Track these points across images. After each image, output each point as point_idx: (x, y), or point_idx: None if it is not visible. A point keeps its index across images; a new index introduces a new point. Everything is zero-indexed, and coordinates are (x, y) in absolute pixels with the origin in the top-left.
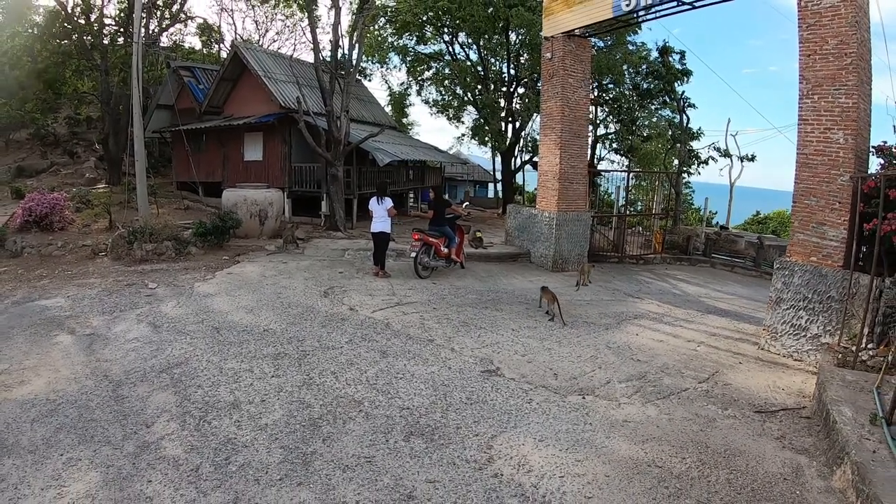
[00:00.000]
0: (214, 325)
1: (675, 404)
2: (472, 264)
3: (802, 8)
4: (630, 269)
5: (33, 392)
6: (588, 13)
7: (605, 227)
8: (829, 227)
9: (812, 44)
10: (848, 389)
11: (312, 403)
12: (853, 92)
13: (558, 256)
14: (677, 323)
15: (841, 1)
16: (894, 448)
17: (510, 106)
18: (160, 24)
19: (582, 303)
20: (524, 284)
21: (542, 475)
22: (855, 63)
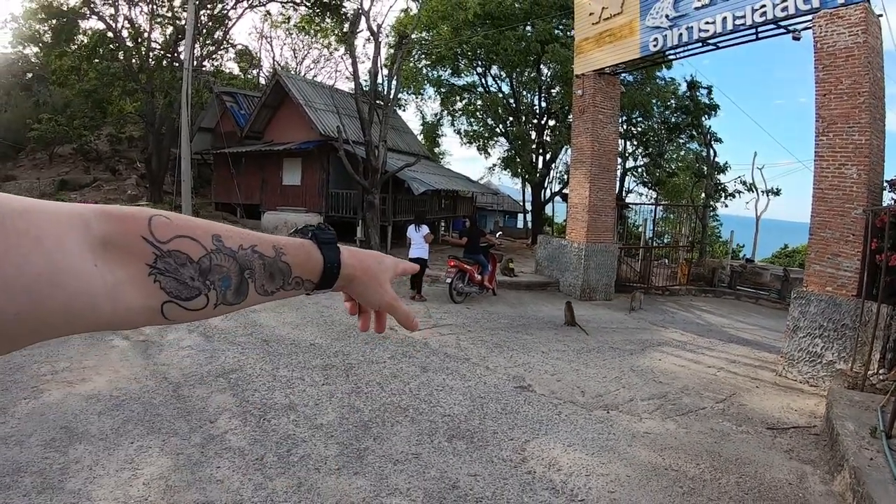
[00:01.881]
0: (263, 337)
1: (692, 420)
2: (503, 291)
3: (818, 50)
4: (656, 299)
5: (96, 389)
6: (617, 53)
7: (632, 259)
8: (843, 258)
9: (827, 84)
10: (854, 408)
11: (362, 408)
12: (866, 129)
13: (586, 286)
14: (699, 350)
15: (854, 43)
16: (890, 456)
17: (541, 138)
18: (203, 51)
19: (608, 330)
20: (553, 311)
21: (570, 473)
22: (868, 102)
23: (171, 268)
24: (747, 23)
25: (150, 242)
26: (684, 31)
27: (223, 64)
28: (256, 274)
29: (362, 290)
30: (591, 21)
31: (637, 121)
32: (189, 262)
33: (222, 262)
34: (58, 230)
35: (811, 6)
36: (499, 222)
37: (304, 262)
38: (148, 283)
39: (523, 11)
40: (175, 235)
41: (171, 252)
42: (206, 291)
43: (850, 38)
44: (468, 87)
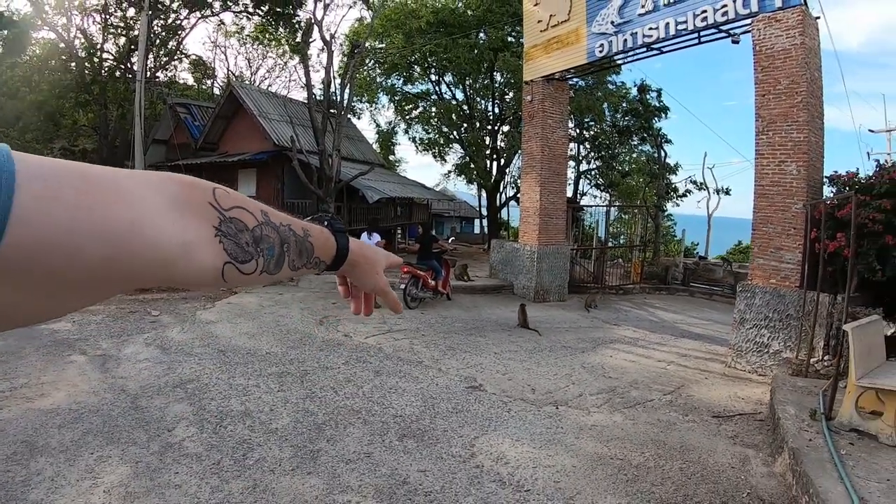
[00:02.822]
0: (219, 348)
1: (639, 412)
2: (458, 296)
3: (757, 52)
4: (610, 298)
5: (55, 403)
6: (565, 59)
7: (587, 260)
8: (785, 251)
9: (766, 84)
10: (796, 393)
11: (316, 412)
12: (804, 127)
13: (540, 288)
14: (651, 346)
15: (792, 45)
16: (828, 436)
17: (495, 144)
18: (157, 62)
19: (561, 329)
20: (506, 314)
21: (517, 466)
22: (805, 100)
23: (231, 232)
24: (689, 27)
25: (215, 208)
26: (629, 36)
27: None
28: (291, 249)
29: (361, 275)
30: (539, 28)
31: (589, 125)
32: (245, 230)
33: (269, 233)
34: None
35: (750, 10)
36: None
37: (322, 245)
38: (214, 243)
39: (476, 19)
40: (234, 205)
41: (232, 219)
42: (256, 257)
43: (787, 41)
44: (422, 95)
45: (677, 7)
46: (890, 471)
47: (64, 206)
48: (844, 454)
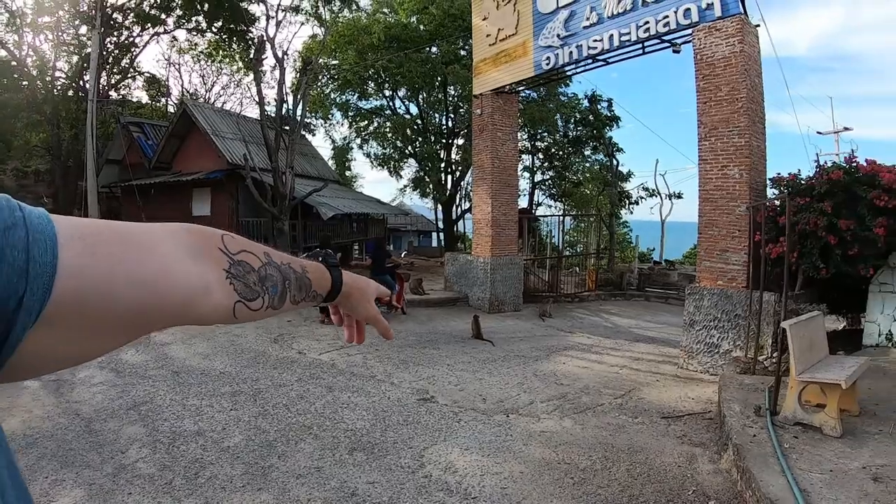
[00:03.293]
0: (174, 369)
1: (589, 417)
2: (413, 310)
3: (698, 61)
4: (565, 306)
5: (10, 429)
6: (513, 72)
7: (542, 270)
8: (731, 252)
9: (708, 92)
10: (743, 391)
11: (268, 429)
12: (745, 132)
13: (494, 299)
14: (604, 351)
15: (732, 52)
16: (772, 431)
17: (449, 157)
18: (109, 80)
19: (515, 339)
20: (461, 326)
21: (465, 474)
22: (746, 106)
23: (240, 273)
24: (633, 38)
25: (225, 253)
26: (574, 48)
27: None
28: (292, 285)
29: (354, 304)
30: (487, 42)
31: (543, 136)
32: (252, 271)
33: (273, 272)
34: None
35: (691, 20)
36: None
37: (319, 279)
38: (226, 284)
39: (429, 34)
40: (241, 249)
41: (240, 262)
42: (263, 295)
43: (727, 49)
44: (376, 111)
45: (621, 19)
46: (833, 461)
47: (101, 260)
48: (788, 447)
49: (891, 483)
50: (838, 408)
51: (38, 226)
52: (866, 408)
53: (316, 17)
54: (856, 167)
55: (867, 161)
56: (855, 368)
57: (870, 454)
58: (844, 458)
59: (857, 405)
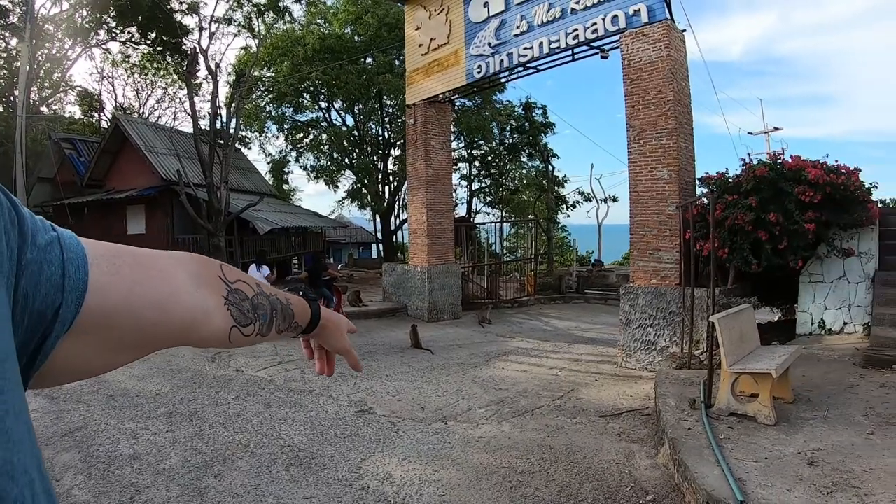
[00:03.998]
0: (109, 393)
1: (528, 420)
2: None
3: (626, 66)
4: (505, 312)
5: None
6: (445, 81)
7: (481, 277)
8: (663, 251)
9: (635, 96)
10: (678, 385)
11: (204, 449)
12: (673, 134)
13: (433, 307)
14: (543, 355)
15: (658, 57)
16: (706, 423)
17: (386, 168)
18: (41, 94)
19: (455, 347)
20: (400, 336)
21: (402, 484)
22: (673, 109)
23: (236, 301)
24: (562, 45)
25: (224, 281)
26: (505, 56)
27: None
28: (278, 314)
29: (328, 336)
30: (420, 52)
31: (479, 144)
32: (246, 299)
33: (263, 301)
34: (170, 265)
35: (618, 27)
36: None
37: (301, 312)
38: (224, 310)
39: (364, 44)
40: (237, 279)
41: (237, 290)
42: (254, 322)
43: (654, 53)
44: (312, 123)
45: (551, 27)
46: (767, 449)
47: (124, 280)
48: (723, 438)
49: (826, 466)
50: (771, 396)
51: (71, 245)
52: (800, 394)
53: (249, 29)
54: (781, 163)
55: (792, 157)
56: (786, 357)
57: (804, 439)
58: (779, 445)
59: (790, 392)
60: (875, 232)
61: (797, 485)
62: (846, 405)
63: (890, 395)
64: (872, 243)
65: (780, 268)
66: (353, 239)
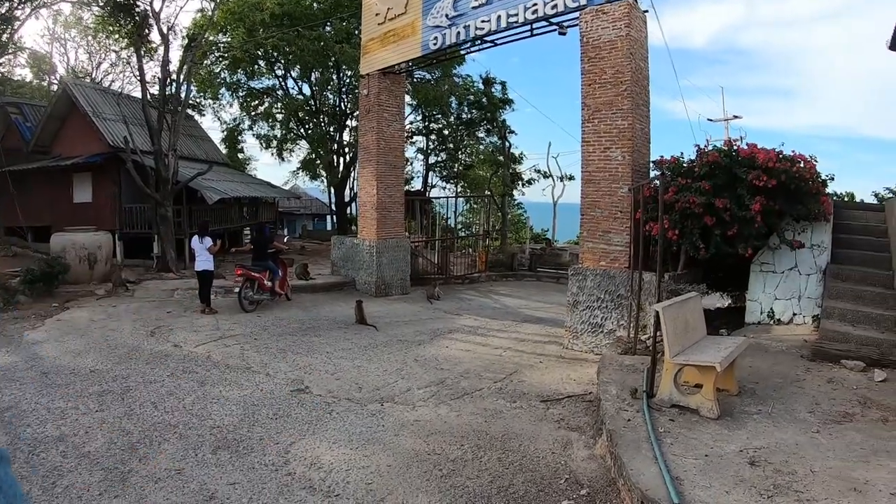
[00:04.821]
0: (43, 370)
1: (466, 403)
2: (298, 295)
3: (584, 44)
4: (455, 288)
5: None
6: (401, 52)
7: (433, 252)
8: (613, 233)
9: (592, 74)
10: (621, 372)
11: (132, 430)
12: (628, 115)
13: (381, 282)
14: (490, 333)
15: (618, 36)
16: (647, 414)
17: (342, 139)
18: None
19: (400, 323)
20: (346, 311)
21: (330, 470)
22: (630, 89)
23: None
24: (521, 20)
25: None
26: (462, 29)
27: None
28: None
29: None
30: (377, 21)
31: (437, 117)
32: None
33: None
34: None
35: (578, 3)
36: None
37: None
38: None
39: (323, 12)
40: None
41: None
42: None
43: (613, 32)
44: (268, 91)
45: (509, 0)
46: (709, 445)
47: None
48: (663, 432)
49: (767, 467)
50: (715, 389)
51: None
52: (746, 386)
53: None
54: (736, 150)
55: (749, 145)
56: (731, 349)
57: (747, 436)
58: (721, 441)
59: (735, 384)
60: (829, 225)
61: (737, 486)
62: (792, 400)
63: (836, 391)
64: (826, 236)
65: (730, 255)
66: (308, 210)
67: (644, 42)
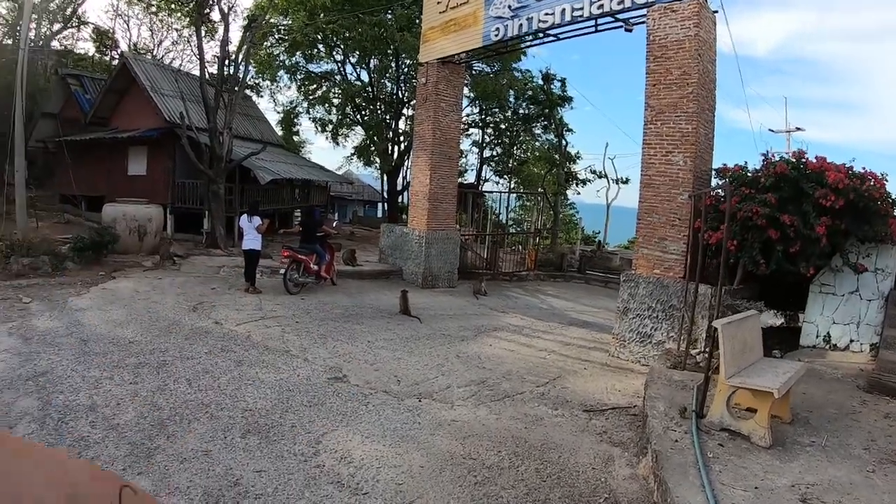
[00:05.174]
0: (83, 337)
1: (506, 406)
2: (344, 281)
3: (651, 42)
4: (502, 285)
5: None
6: (461, 41)
7: (482, 246)
8: (670, 241)
9: (657, 74)
10: (670, 388)
11: (163, 406)
12: (693, 118)
13: (428, 273)
14: (535, 334)
15: (686, 36)
16: (696, 436)
17: (397, 127)
18: (51, 28)
19: (445, 317)
20: (391, 300)
21: (360, 466)
22: (696, 92)
23: None
24: (585, 14)
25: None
26: (525, 21)
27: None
28: None
29: None
30: (438, 10)
31: (494, 111)
32: None
33: None
34: None
35: (646, 0)
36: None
37: None
38: None
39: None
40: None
41: None
42: None
43: (681, 31)
44: (326, 75)
45: None
46: (759, 476)
47: None
48: (712, 457)
49: None
50: (769, 416)
51: None
52: (799, 415)
53: None
54: (804, 163)
55: (817, 158)
56: (790, 375)
57: (799, 469)
58: (772, 474)
59: (789, 412)
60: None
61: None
62: (847, 434)
63: (894, 427)
64: (891, 260)
65: (790, 273)
66: (360, 196)
67: (713, 44)
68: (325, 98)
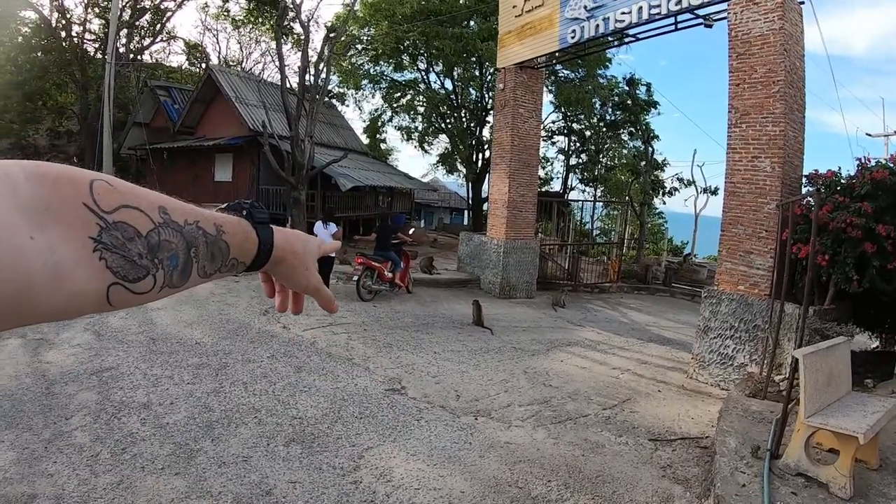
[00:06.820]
0: (152, 336)
1: (567, 429)
2: (420, 289)
3: (733, 38)
4: (583, 296)
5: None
6: (537, 45)
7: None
8: (755, 255)
9: (741, 73)
10: (746, 420)
11: (214, 408)
12: (780, 120)
13: (506, 283)
14: (611, 351)
15: (770, 30)
16: (766, 483)
17: (481, 135)
18: (141, 42)
19: (518, 329)
20: (464, 310)
21: (398, 486)
22: (783, 91)
23: (117, 243)
24: (663, 11)
25: (93, 211)
26: (601, 21)
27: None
28: (200, 253)
29: (289, 273)
30: (514, 14)
31: (579, 118)
32: (137, 236)
33: (171, 237)
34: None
35: None
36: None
37: (241, 243)
38: (93, 260)
39: (467, 8)
40: (120, 205)
41: (117, 224)
42: (154, 271)
43: (765, 25)
44: (410, 84)
45: None
46: None
47: None
48: None
49: None
50: (853, 461)
51: None
52: (888, 459)
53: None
54: None
55: None
56: (880, 415)
57: None
58: None
59: (877, 456)
60: None
61: None
62: None
63: None
64: None
65: (887, 293)
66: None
67: (800, 38)
68: (410, 106)
